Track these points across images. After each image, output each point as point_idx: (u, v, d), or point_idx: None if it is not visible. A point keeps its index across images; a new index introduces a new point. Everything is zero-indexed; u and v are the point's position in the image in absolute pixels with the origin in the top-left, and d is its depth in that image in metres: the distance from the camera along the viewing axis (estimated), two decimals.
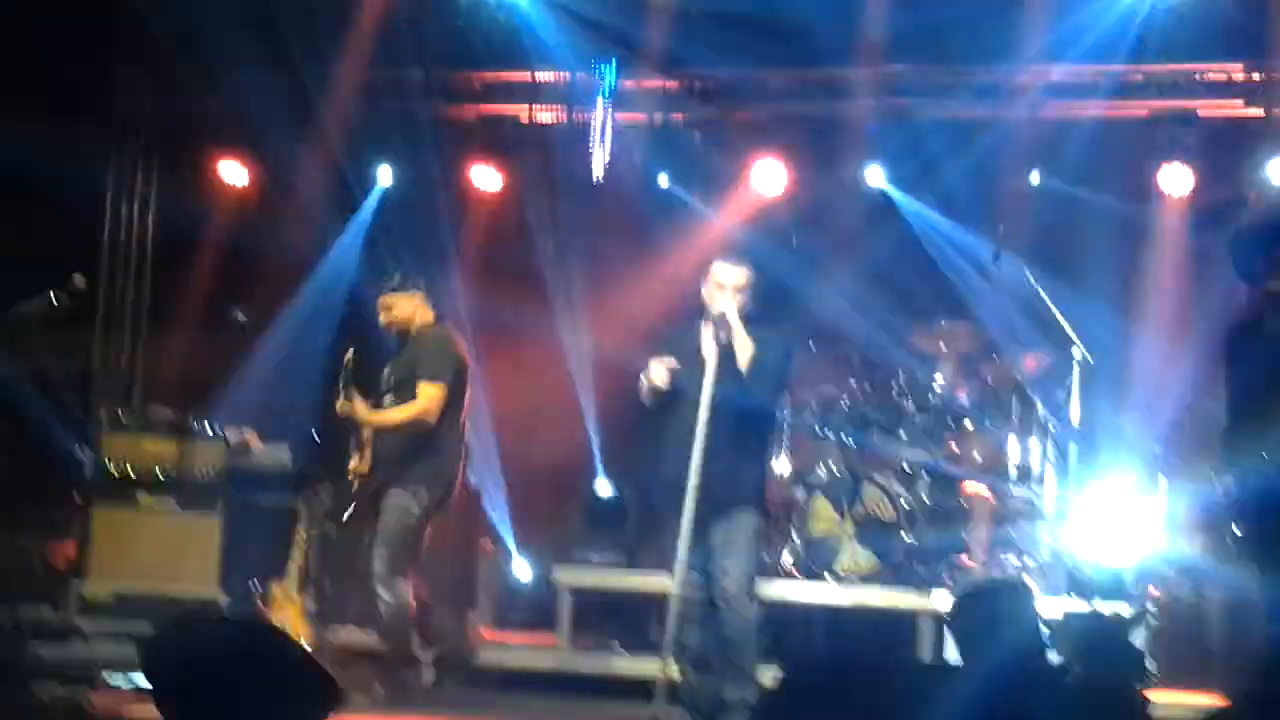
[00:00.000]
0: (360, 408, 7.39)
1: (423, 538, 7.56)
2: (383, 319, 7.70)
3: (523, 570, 9.95)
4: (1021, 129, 9.87)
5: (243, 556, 8.99)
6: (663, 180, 10.66)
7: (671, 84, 10.60)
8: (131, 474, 8.79)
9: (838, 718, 5.22)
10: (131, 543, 8.63)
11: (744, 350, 6.57)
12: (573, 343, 10.67)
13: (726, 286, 6.67)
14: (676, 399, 6.60)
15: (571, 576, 8.80)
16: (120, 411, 9.43)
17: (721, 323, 6.59)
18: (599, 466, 10.35)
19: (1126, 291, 9.63)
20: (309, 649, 7.91)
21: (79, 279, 7.11)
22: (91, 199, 10.97)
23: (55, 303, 7.10)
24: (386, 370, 7.66)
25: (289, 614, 8.18)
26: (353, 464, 7.57)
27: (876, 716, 5.07)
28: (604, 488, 10.17)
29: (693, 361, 6.61)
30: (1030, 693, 3.97)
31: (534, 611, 9.48)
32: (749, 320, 6.66)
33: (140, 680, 6.60)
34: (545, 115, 10.78)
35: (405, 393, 7.45)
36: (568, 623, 8.66)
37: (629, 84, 10.45)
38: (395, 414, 7.44)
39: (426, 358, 7.44)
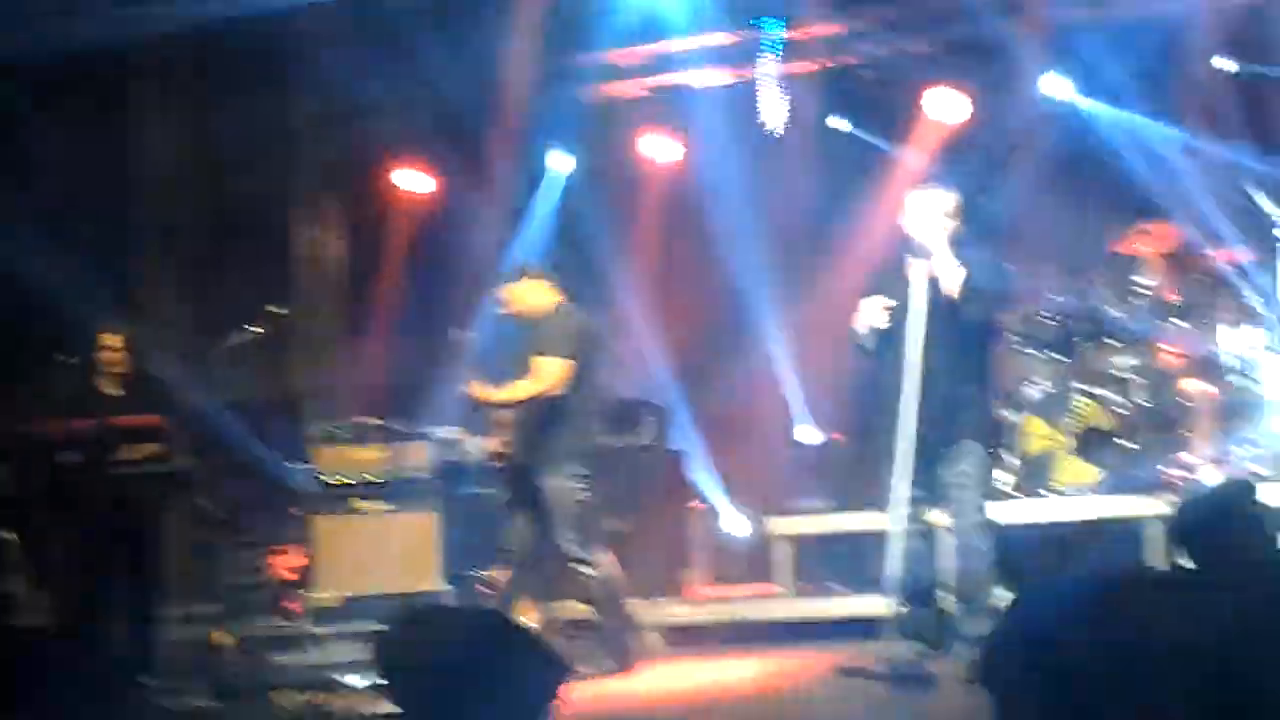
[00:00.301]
0: (478, 388, 7.35)
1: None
2: (504, 311, 7.64)
3: (737, 525, 9.90)
4: (1203, 15, 9.43)
5: (462, 548, 9.12)
6: (842, 125, 10.48)
7: (838, 28, 10.38)
8: (346, 482, 8.92)
9: (1073, 636, 5.07)
10: (353, 548, 8.73)
11: (955, 276, 6.43)
12: (769, 296, 10.56)
13: (932, 214, 6.54)
14: (894, 337, 6.49)
15: (785, 525, 8.74)
16: (328, 425, 9.58)
17: (930, 251, 6.46)
18: (800, 414, 10.23)
19: None
20: (534, 628, 7.99)
21: (274, 309, 7.27)
22: (278, 226, 11.21)
23: (255, 334, 7.27)
24: (514, 356, 7.58)
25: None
26: (491, 446, 7.52)
27: (1114, 631, 4.89)
28: (808, 434, 10.05)
29: (904, 297, 6.50)
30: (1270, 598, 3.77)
31: (752, 564, 9.43)
32: (960, 245, 6.54)
33: (375, 679, 6.70)
34: (714, 78, 10.66)
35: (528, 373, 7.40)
36: (787, 571, 8.62)
37: (795, 34, 10.29)
38: (513, 391, 7.37)
39: (545, 336, 7.37)
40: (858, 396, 6.87)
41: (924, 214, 6.54)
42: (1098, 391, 8.36)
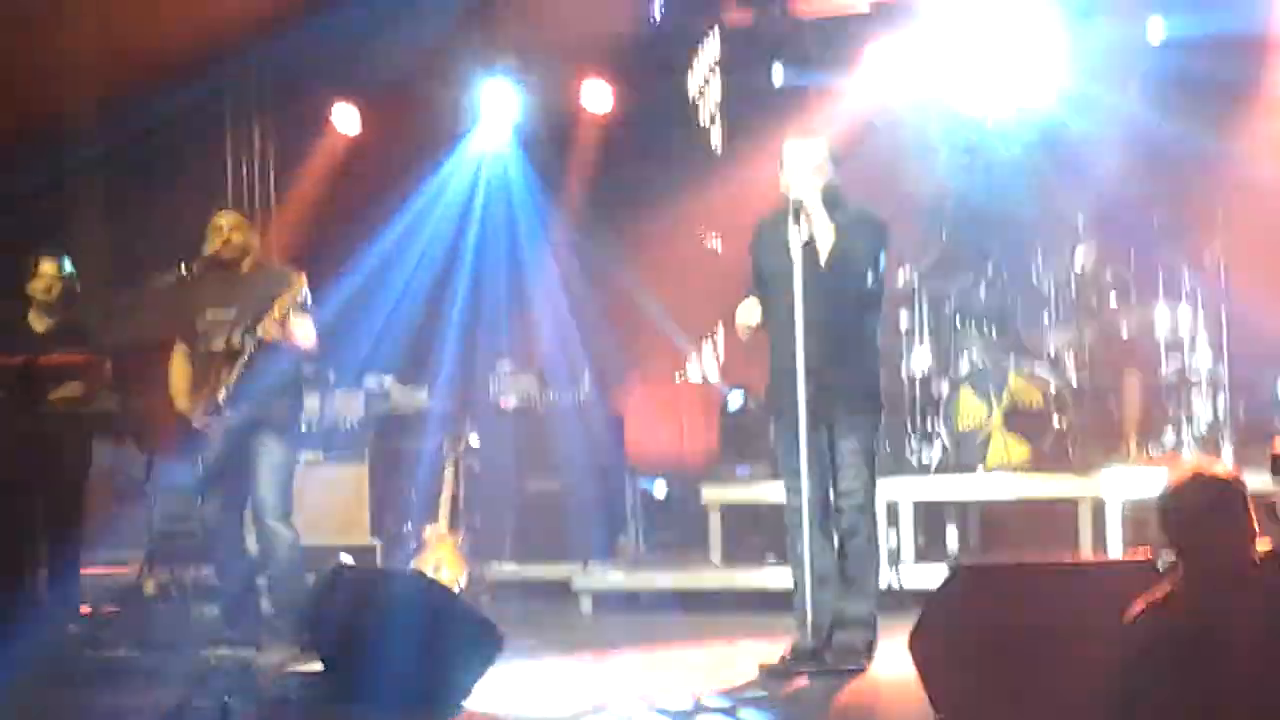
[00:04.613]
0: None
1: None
2: (219, 241, 7.05)
3: (662, 490, 9.89)
4: None
5: (393, 500, 9.08)
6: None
7: None
8: None
9: (1012, 614, 5.10)
10: None
11: (825, 238, 6.10)
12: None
13: (802, 167, 6.17)
14: (773, 300, 6.23)
15: (717, 493, 8.71)
16: None
17: (801, 209, 6.10)
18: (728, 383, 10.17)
19: None
20: (464, 586, 7.96)
21: (206, 247, 7.11)
22: (210, 162, 11.00)
23: (183, 273, 7.12)
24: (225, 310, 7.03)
25: (443, 553, 8.23)
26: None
27: (1056, 617, 4.92)
28: (735, 400, 9.99)
29: (782, 257, 6.14)
30: (1243, 593, 3.78)
31: (684, 530, 9.43)
32: (836, 202, 6.20)
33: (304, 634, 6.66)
34: None
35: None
36: (718, 539, 8.60)
37: None
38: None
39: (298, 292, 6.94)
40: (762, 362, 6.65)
41: (795, 166, 6.18)
42: (1031, 368, 8.38)
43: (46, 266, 7.57)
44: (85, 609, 7.73)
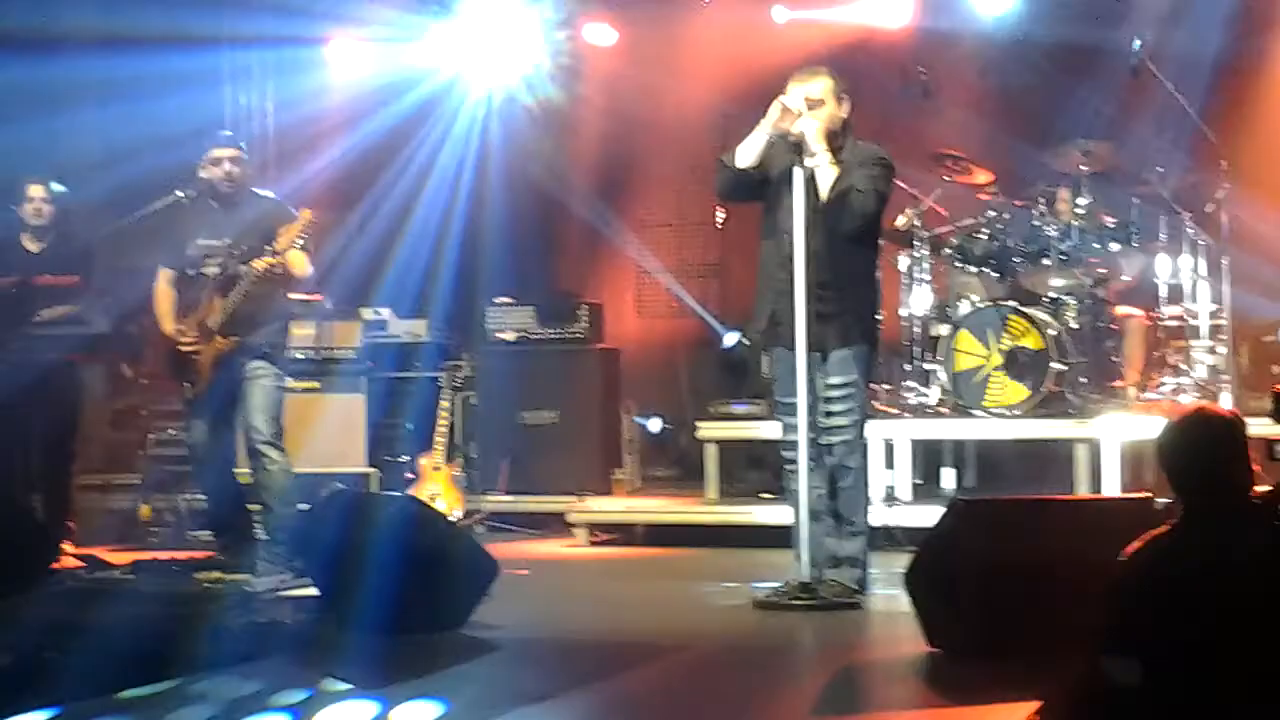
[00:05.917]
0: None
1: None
2: (222, 172, 7.04)
3: (656, 425, 9.88)
4: None
5: (389, 431, 9.07)
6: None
7: None
8: None
9: (1010, 549, 5.10)
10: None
11: (826, 176, 6.10)
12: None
13: (802, 103, 6.12)
14: (771, 228, 6.25)
15: (713, 430, 8.71)
16: None
17: (801, 146, 6.09)
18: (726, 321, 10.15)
19: None
20: (460, 515, 7.97)
21: (202, 173, 7.08)
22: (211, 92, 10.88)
23: (179, 197, 7.10)
24: (218, 237, 7.03)
25: (439, 484, 8.23)
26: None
27: (1053, 552, 4.93)
28: (731, 338, 9.96)
29: (785, 187, 6.14)
30: (1243, 530, 3.79)
31: (678, 466, 9.42)
32: (840, 139, 6.18)
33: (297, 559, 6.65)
34: None
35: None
36: (714, 475, 8.61)
37: None
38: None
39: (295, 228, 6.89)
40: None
41: (795, 104, 6.14)
42: (1030, 311, 8.34)
43: (34, 190, 7.57)
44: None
